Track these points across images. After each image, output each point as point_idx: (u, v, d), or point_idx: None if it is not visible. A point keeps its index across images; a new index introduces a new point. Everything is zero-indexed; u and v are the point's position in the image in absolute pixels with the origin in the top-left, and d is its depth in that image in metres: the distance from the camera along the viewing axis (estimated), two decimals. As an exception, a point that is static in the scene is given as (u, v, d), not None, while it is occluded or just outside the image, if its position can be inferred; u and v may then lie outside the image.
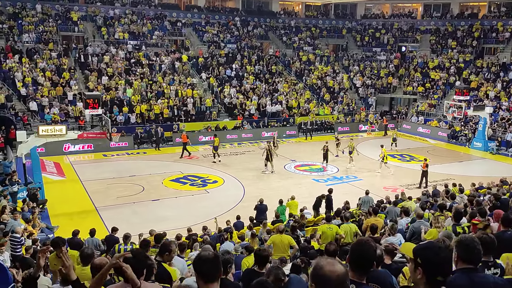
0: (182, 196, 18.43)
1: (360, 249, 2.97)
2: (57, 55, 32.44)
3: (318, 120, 34.16)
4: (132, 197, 18.06)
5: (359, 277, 2.91)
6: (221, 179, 21.07)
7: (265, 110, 34.10)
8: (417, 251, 2.72)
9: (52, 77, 30.16)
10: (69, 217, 15.72)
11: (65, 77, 30.67)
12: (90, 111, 17.73)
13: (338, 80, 40.12)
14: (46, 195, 17.13)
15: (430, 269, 2.64)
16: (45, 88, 28.93)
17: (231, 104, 33.69)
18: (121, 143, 26.18)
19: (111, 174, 21.34)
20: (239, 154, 26.65)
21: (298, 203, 14.77)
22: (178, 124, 29.89)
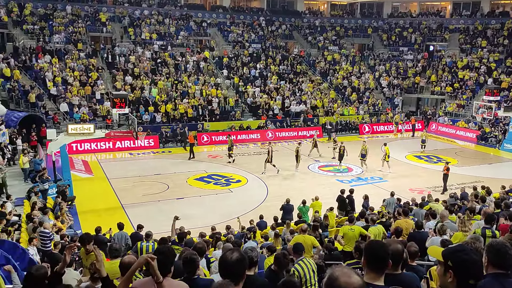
0: (206, 194, 18.63)
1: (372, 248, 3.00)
2: (86, 55, 33.24)
3: (343, 120, 33.92)
4: (157, 195, 18.36)
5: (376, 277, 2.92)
6: (244, 178, 21.18)
7: (289, 110, 34.06)
8: (447, 253, 2.66)
9: (81, 77, 30.93)
10: (96, 214, 16.11)
11: (93, 76, 31.40)
12: (117, 110, 18.12)
13: (364, 80, 39.71)
14: (75, 192, 17.60)
15: (461, 272, 2.57)
16: (74, 88, 29.68)
17: (255, 104, 33.80)
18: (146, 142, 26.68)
19: (137, 172, 21.74)
20: (262, 154, 26.72)
21: (322, 203, 14.72)
22: (203, 124, 30.18)
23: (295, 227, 12.59)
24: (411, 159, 25.65)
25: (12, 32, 32.91)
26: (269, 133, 30.97)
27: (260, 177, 21.32)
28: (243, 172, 22.15)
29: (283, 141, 30.51)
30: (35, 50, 31.87)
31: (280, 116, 33.32)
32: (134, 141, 25.73)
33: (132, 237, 11.31)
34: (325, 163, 24.27)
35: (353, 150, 23.87)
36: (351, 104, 36.58)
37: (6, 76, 28.46)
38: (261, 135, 30.85)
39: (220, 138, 29.20)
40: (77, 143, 24.93)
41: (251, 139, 30.41)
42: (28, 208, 13.99)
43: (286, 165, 23.45)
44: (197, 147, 27.73)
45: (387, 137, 32.77)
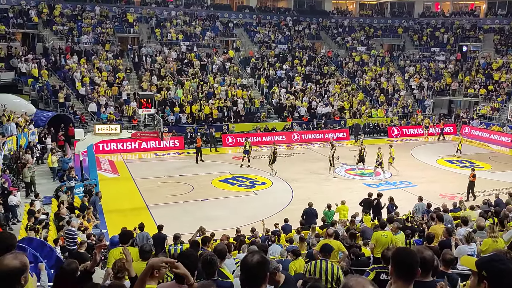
0: (230, 196, 18.73)
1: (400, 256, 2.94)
2: (113, 55, 33.92)
3: (371, 123, 33.52)
4: (182, 196, 18.57)
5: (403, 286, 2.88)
6: (269, 181, 21.18)
7: (315, 112, 33.89)
8: (482, 263, 2.59)
9: (108, 77, 31.58)
10: (122, 213, 16.42)
11: (119, 77, 32.01)
12: (143, 111, 18.45)
13: (393, 81, 39.16)
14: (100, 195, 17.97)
15: (497, 282, 2.50)
16: (101, 88, 30.34)
17: (280, 105, 33.78)
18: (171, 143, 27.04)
19: (162, 173, 22.04)
20: (287, 156, 26.66)
21: (349, 208, 14.57)
22: (228, 125, 30.35)
23: (320, 231, 12.51)
24: (442, 163, 25.11)
25: (42, 33, 33.93)
26: (295, 135, 30.89)
27: (285, 179, 21.28)
28: (268, 175, 22.16)
29: (309, 144, 30.35)
30: (64, 50, 32.75)
31: (306, 118, 33.18)
32: (160, 142, 26.11)
33: (154, 238, 11.45)
34: (353, 166, 24.04)
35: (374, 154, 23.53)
36: (380, 106, 36.11)
37: (35, 77, 29.36)
38: (287, 137, 30.79)
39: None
40: (104, 143, 25.46)
41: (276, 141, 30.34)
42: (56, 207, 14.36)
43: (313, 168, 23.34)
44: (222, 148, 27.93)
45: (416, 140, 32.19)
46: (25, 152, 19.29)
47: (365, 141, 25.96)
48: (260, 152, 26.45)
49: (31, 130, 22.59)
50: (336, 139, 31.46)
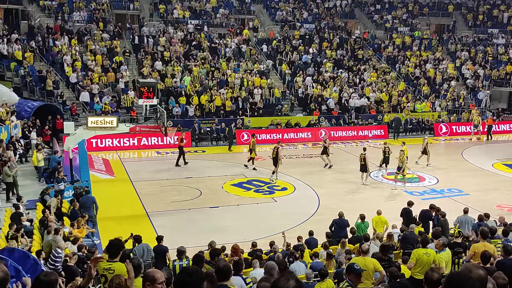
0: (245, 204, 18.76)
1: (459, 281, 2.91)
2: (110, 36, 34.27)
3: (414, 118, 33.18)
4: (187, 203, 18.67)
5: None
6: (291, 186, 21.15)
7: (347, 105, 33.70)
8: None
9: (103, 62, 31.95)
10: (117, 221, 16.58)
11: (117, 61, 32.35)
12: (144, 101, 18.53)
13: (442, 68, 38.69)
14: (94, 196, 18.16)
15: None
16: (95, 74, 30.72)
17: (306, 96, 33.68)
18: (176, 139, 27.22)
19: (165, 175, 22.18)
20: (313, 156, 26.57)
21: (386, 219, 14.46)
22: (243, 119, 30.43)
23: (352, 246, 12.44)
24: (500, 168, 24.71)
25: (27, 9, 34.39)
26: (323, 132, 30.76)
27: (311, 184, 21.21)
28: (290, 178, 22.11)
29: (339, 142, 30.22)
30: (52, 30, 33.19)
31: (336, 112, 33.04)
32: (163, 138, 26.27)
33: (156, 251, 11.54)
34: (392, 170, 23.84)
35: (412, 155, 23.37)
36: (425, 99, 35.72)
37: (19, 60, 29.76)
38: (313, 134, 30.71)
39: (264, 136, 29.29)
40: (98, 139, 25.76)
41: (300, 138, 30.35)
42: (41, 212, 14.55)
43: (344, 171, 23.21)
44: (235, 147, 27.99)
45: (469, 140, 31.73)
46: (6, 149, 19.59)
47: (406, 140, 25.73)
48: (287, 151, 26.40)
49: (13, 123, 22.88)
50: (372, 137, 31.32)
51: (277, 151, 21.68)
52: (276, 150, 21.74)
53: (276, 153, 21.65)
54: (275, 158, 21.69)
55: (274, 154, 21.76)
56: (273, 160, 21.86)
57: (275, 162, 21.71)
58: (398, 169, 20.96)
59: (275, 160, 21.72)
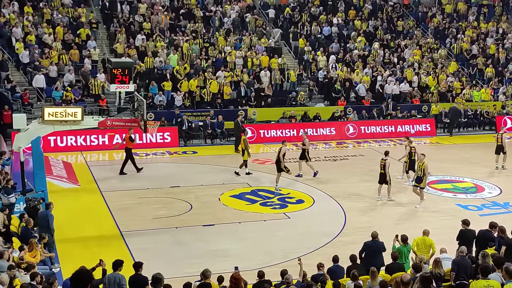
0: (248, 221, 18.68)
1: None
2: (73, 2, 34.30)
3: (470, 109, 33.05)
4: (174, 219, 18.61)
5: None
6: (309, 197, 21.08)
7: (383, 92, 33.61)
8: None
9: (65, 36, 31.99)
10: (83, 243, 16.53)
11: (82, 35, 32.36)
12: (117, 87, 18.49)
13: (507, 45, 38.50)
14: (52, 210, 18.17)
15: None
16: (54, 52, 30.76)
17: (328, 81, 33.65)
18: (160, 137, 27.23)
19: (145, 183, 22.14)
20: (338, 159, 26.48)
21: (434, 242, 14.37)
22: (246, 110, 30.45)
23: (388, 277, 12.37)
24: None
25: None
26: (350, 128, 30.70)
27: (334, 195, 21.13)
28: (307, 187, 22.07)
29: (372, 141, 30.11)
30: (-1, -7, 33.17)
31: (368, 101, 32.97)
32: (142, 135, 26.22)
33: (132, 282, 11.49)
34: (439, 177, 23.73)
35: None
36: (485, 84, 35.55)
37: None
38: (338, 130, 30.66)
39: (273, 133, 29.30)
40: (57, 136, 25.75)
41: (321, 136, 30.26)
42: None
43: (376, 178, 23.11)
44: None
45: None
46: None
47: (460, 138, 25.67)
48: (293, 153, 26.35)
49: None
50: (415, 134, 31.19)
51: (278, 154, 21.65)
52: (278, 153, 21.73)
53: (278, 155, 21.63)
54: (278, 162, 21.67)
55: (277, 156, 21.76)
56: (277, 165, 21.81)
57: (277, 166, 21.69)
58: (417, 181, 20.27)
59: (278, 165, 21.70)
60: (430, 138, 31.27)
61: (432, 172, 24.00)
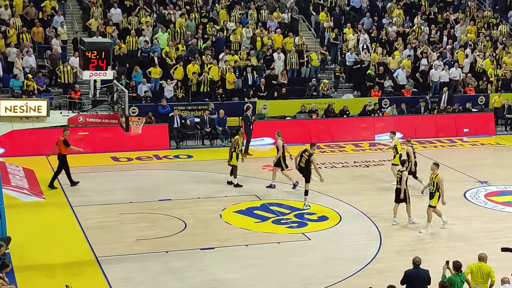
0: (257, 243, 18.71)
1: None
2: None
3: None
4: (164, 241, 18.65)
5: None
6: (334, 213, 21.11)
7: (429, 79, 33.55)
8: None
9: (25, 10, 32.05)
10: (49, 272, 16.50)
11: (46, 9, 32.44)
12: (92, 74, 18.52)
13: None
14: (11, 229, 18.18)
15: None
16: (11, 30, 30.81)
17: (359, 66, 33.70)
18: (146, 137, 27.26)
19: (127, 196, 22.23)
20: (371, 165, 26.45)
21: (493, 269, 14.33)
22: (255, 104, 30.50)
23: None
24: None
25: None
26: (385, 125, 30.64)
27: (367, 211, 21.10)
28: (331, 201, 22.12)
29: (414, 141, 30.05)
30: None
31: (410, 91, 32.91)
32: (123, 135, 26.27)
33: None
34: (501, 187, 23.66)
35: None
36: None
37: None
38: (370, 127, 30.70)
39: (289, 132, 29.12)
40: (17, 136, 25.83)
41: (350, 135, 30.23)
42: None
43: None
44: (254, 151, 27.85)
45: None
46: None
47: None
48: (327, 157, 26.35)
49: None
50: (468, 132, 31.11)
51: (308, 159, 21.52)
52: (307, 158, 21.51)
53: (307, 161, 21.48)
54: (305, 168, 21.68)
55: (304, 163, 21.70)
56: (301, 172, 21.85)
57: (306, 176, 21.68)
58: (430, 196, 19.95)
59: (305, 173, 21.71)
60: (489, 138, 31.25)
61: (492, 182, 24.01)
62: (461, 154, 26.94)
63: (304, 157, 21.63)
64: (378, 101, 31.89)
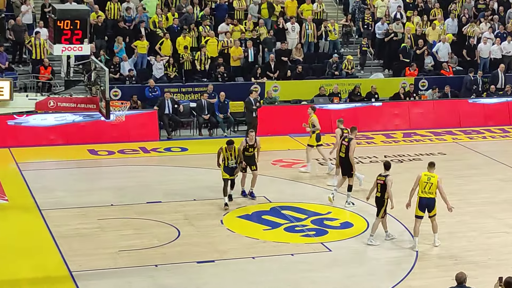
0: (266, 255, 18.72)
1: None
2: None
3: None
4: (154, 252, 18.69)
5: None
6: (360, 218, 21.24)
7: (477, 55, 33.53)
8: None
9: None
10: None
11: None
12: (64, 49, 18.55)
13: None
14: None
15: None
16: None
17: (390, 40, 33.69)
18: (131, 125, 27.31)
19: (107, 197, 22.31)
20: (406, 159, 26.48)
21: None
22: (263, 84, 30.53)
23: None
24: None
25: None
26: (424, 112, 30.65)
27: (399, 215, 21.10)
28: (357, 203, 22.21)
29: (459, 131, 30.10)
30: None
31: (450, 70, 32.85)
32: (103, 123, 26.31)
33: None
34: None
35: None
36: None
37: None
38: (403, 113, 30.72)
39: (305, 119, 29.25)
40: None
41: (379, 123, 30.25)
42: None
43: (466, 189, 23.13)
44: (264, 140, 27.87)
45: None
46: None
47: None
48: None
49: None
50: None
51: (348, 145, 21.70)
52: (347, 144, 21.74)
53: (347, 148, 21.72)
54: (345, 159, 21.83)
55: (344, 152, 21.83)
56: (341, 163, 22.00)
57: (346, 167, 21.83)
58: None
59: (345, 164, 21.85)
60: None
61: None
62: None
63: (344, 145, 21.79)
64: (414, 82, 31.83)
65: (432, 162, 20.00)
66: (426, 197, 19.07)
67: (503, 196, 22.55)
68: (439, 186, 19.01)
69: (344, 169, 21.97)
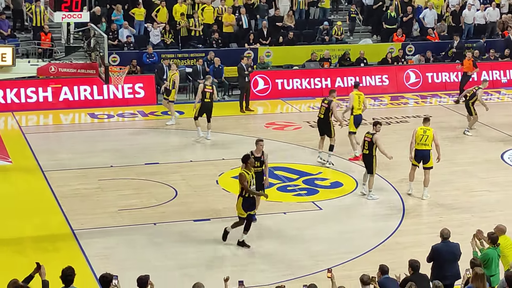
0: (260, 213, 18.53)
1: None
2: None
3: None
4: (151, 211, 18.79)
5: None
6: (349, 178, 21.27)
7: (461, 22, 33.47)
8: None
9: None
10: (17, 249, 16.58)
11: None
12: (64, 16, 18.44)
13: None
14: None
15: None
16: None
17: (378, 4, 33.54)
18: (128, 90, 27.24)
19: (107, 159, 22.35)
20: (393, 122, 26.46)
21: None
22: (257, 50, 30.48)
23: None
24: None
25: None
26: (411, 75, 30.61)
27: (386, 175, 21.15)
28: (345, 164, 22.29)
29: (444, 93, 30.07)
30: None
31: (435, 36, 32.75)
32: (102, 87, 26.21)
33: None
34: None
35: None
36: None
37: None
38: (392, 78, 30.65)
39: (297, 83, 29.20)
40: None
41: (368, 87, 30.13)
42: None
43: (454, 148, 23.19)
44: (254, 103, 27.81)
45: None
46: None
47: None
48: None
49: None
50: (507, 83, 31.01)
51: (327, 108, 21.70)
52: (326, 106, 21.74)
53: (327, 110, 21.70)
54: (324, 120, 21.85)
55: (323, 113, 21.84)
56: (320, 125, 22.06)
57: (323, 127, 21.89)
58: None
59: (325, 126, 21.89)
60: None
61: None
62: (498, 110, 26.78)
63: (323, 107, 21.78)
64: (401, 47, 31.79)
65: (427, 117, 20.80)
66: (422, 149, 19.81)
67: (485, 156, 22.62)
68: (435, 138, 19.79)
69: (321, 129, 22.03)
